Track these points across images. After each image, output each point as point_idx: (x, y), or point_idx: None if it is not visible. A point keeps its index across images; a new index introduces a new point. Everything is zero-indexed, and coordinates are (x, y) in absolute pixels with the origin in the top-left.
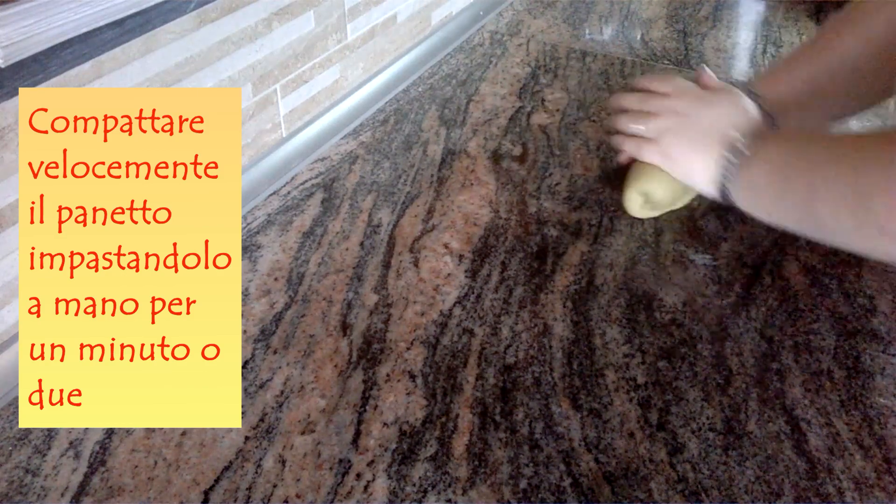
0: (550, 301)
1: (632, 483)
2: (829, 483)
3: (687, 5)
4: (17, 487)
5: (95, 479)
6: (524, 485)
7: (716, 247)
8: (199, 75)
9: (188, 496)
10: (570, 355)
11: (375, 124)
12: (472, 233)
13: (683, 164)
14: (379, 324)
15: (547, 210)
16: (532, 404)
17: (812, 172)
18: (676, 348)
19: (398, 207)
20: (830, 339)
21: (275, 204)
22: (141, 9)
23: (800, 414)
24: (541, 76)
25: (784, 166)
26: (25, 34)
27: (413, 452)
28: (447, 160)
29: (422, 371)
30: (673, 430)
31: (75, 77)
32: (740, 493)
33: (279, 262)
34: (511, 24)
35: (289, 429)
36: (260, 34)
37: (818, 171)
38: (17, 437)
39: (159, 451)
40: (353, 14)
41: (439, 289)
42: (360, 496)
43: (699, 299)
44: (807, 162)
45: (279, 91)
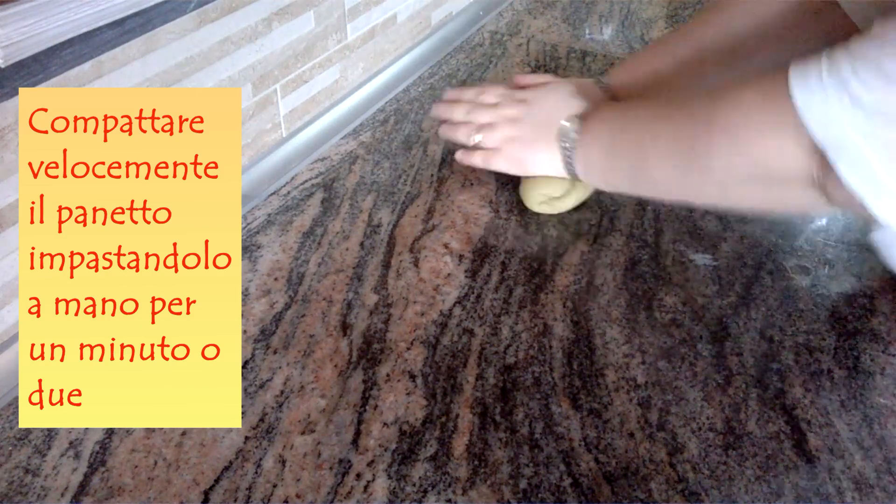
0: (550, 301)
1: (632, 483)
2: (829, 483)
3: (687, 5)
4: (17, 487)
5: (95, 479)
6: (524, 485)
7: (716, 247)
8: (199, 75)
9: (188, 496)
10: (570, 355)
11: (375, 124)
12: (472, 233)
13: (531, 163)
14: (379, 324)
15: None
16: (532, 404)
17: (638, 134)
18: (676, 348)
19: (398, 207)
20: (830, 339)
21: (275, 204)
22: (141, 9)
23: (800, 414)
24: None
25: (612, 134)
26: (25, 34)
27: (413, 452)
28: (447, 160)
29: (422, 371)
30: (673, 430)
31: (75, 77)
32: (740, 493)
33: (279, 262)
34: (511, 24)
35: (289, 429)
36: (260, 34)
37: (644, 132)
38: (17, 437)
39: (159, 451)
40: (353, 14)
41: (439, 289)
42: (360, 496)
43: (699, 299)
44: (634, 125)
45: (279, 91)
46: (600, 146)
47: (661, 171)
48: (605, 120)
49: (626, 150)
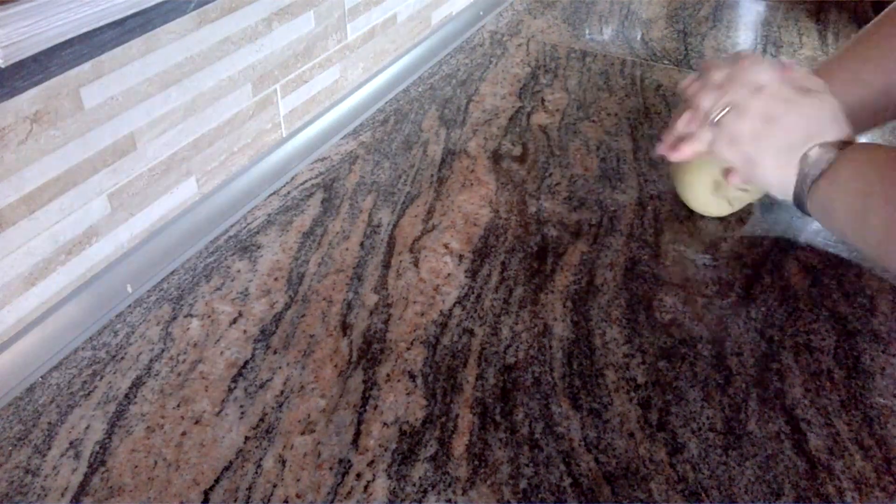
0: (550, 301)
1: (632, 483)
2: (829, 483)
3: (687, 5)
4: (17, 487)
5: (95, 479)
6: (524, 485)
7: (716, 247)
8: (199, 75)
9: (188, 496)
10: (570, 355)
11: (375, 124)
12: (472, 233)
13: (762, 170)
14: (379, 324)
15: (547, 210)
16: (532, 404)
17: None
18: (676, 348)
19: (398, 207)
20: (830, 339)
21: (275, 204)
22: (141, 9)
23: (800, 414)
24: (541, 76)
25: (863, 192)
26: (25, 34)
27: (413, 452)
28: (447, 160)
29: (422, 371)
30: (673, 430)
31: (75, 77)
32: (740, 493)
33: (279, 262)
34: (511, 24)
35: (289, 429)
36: (260, 34)
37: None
38: (17, 437)
39: (159, 451)
40: (353, 14)
41: (439, 289)
42: (360, 496)
43: (699, 299)
44: (889, 186)
45: (279, 91)
46: (849, 190)
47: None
48: (858, 167)
49: (881, 213)
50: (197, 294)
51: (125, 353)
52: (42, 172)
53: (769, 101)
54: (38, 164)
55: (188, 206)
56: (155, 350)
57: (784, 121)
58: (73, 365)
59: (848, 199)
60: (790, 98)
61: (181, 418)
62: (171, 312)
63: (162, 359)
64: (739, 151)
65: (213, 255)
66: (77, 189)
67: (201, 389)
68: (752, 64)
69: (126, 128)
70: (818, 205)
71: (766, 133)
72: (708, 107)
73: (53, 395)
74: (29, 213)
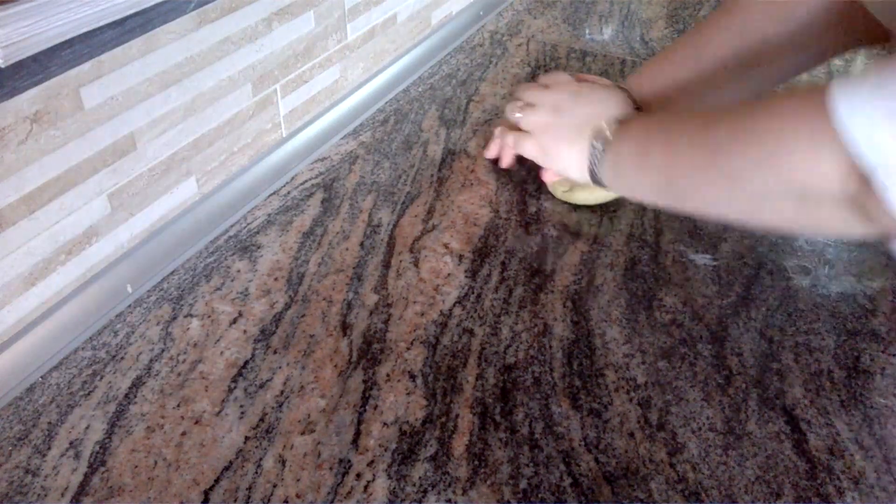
0: (550, 301)
1: (632, 483)
2: (829, 483)
3: (687, 5)
4: (17, 487)
5: (95, 479)
6: (524, 485)
7: (716, 247)
8: (199, 75)
9: (188, 496)
10: (570, 355)
11: (375, 124)
12: (472, 233)
13: (557, 158)
14: (379, 324)
15: (547, 210)
16: (532, 404)
17: (672, 143)
18: (676, 348)
19: (398, 207)
20: (830, 339)
21: (275, 204)
22: (141, 9)
23: (800, 414)
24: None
25: (644, 143)
26: (25, 34)
27: (413, 452)
28: (447, 160)
29: (422, 371)
30: (673, 430)
31: (75, 77)
32: (740, 493)
33: (279, 262)
34: (511, 24)
35: (289, 429)
36: (260, 34)
37: (678, 141)
38: (17, 437)
39: (159, 451)
40: (353, 14)
41: (439, 289)
42: (360, 496)
43: (699, 299)
44: (665, 135)
45: (279, 91)
46: (632, 152)
47: (692, 183)
48: (640, 126)
49: (659, 158)
50: (197, 294)
51: (125, 353)
52: (42, 172)
53: (557, 95)
54: (38, 164)
55: (188, 206)
56: (155, 350)
57: (572, 109)
58: (73, 365)
59: (632, 161)
60: (577, 91)
61: (181, 418)
62: (171, 312)
63: (162, 359)
64: (537, 144)
65: (213, 255)
66: (77, 189)
67: (201, 389)
68: (549, 73)
69: (126, 128)
70: (609, 171)
71: (555, 122)
72: (509, 112)
73: (53, 395)
74: (29, 213)
